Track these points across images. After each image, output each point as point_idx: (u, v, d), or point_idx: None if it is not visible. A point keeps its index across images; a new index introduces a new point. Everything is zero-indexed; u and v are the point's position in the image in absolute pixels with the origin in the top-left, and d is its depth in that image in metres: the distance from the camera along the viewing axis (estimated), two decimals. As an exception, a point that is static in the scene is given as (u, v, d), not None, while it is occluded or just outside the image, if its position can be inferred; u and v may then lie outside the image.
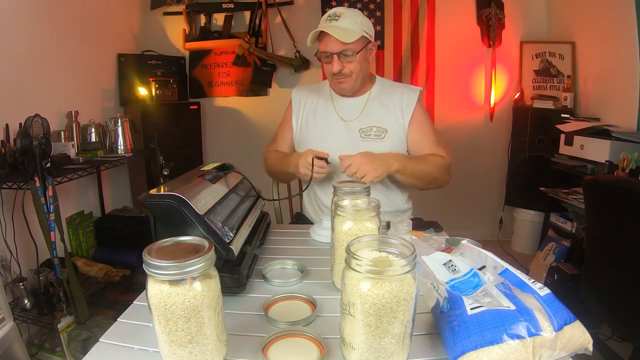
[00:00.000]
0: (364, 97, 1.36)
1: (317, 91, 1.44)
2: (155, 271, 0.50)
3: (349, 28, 1.20)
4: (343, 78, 1.28)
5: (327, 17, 1.23)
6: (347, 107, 1.36)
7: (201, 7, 2.96)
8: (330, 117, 1.37)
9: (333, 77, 1.29)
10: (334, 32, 1.18)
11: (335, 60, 1.23)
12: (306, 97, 1.43)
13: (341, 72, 1.25)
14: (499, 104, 3.05)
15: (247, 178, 1.14)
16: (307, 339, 0.64)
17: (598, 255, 1.52)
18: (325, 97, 1.41)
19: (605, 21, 2.43)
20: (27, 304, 1.68)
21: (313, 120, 1.39)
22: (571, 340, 0.55)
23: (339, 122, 1.35)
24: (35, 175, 1.52)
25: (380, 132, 1.31)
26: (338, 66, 1.24)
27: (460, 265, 0.67)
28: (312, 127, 1.39)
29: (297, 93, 1.46)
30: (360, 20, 1.23)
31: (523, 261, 2.66)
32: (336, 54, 1.22)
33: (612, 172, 1.94)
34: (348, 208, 0.77)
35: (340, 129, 1.34)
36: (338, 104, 1.38)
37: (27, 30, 1.91)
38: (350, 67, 1.25)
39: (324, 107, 1.39)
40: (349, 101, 1.36)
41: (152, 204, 0.76)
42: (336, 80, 1.30)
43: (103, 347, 0.64)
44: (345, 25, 1.20)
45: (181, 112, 2.80)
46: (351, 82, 1.29)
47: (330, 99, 1.39)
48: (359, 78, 1.30)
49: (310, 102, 1.42)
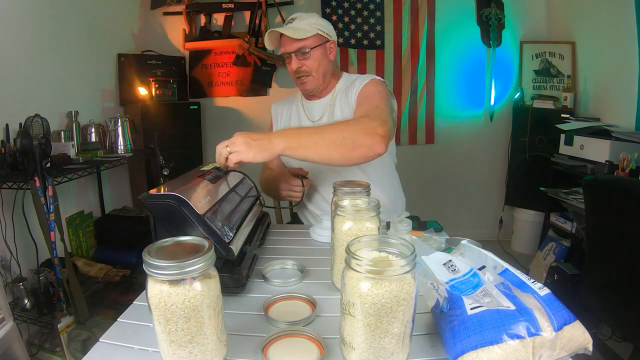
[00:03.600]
0: (329, 96, 1.38)
1: (291, 100, 1.49)
2: (155, 271, 0.50)
3: (302, 27, 1.26)
4: (305, 77, 1.31)
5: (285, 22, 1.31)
6: (315, 108, 1.39)
7: (201, 7, 2.96)
8: (302, 121, 1.40)
9: (295, 77, 1.33)
10: (287, 32, 1.24)
11: (294, 58, 1.29)
12: (282, 109, 1.48)
13: (300, 70, 1.29)
14: (499, 104, 3.05)
15: (248, 176, 1.14)
16: (307, 339, 0.64)
17: (598, 255, 1.52)
18: (296, 103, 1.45)
19: (605, 21, 2.43)
20: (27, 304, 1.68)
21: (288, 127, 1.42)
22: (571, 340, 0.55)
23: (308, 124, 1.38)
24: (35, 175, 1.52)
25: None
26: (296, 64, 1.29)
27: (460, 265, 0.67)
28: None
29: (275, 107, 1.51)
30: (314, 20, 1.29)
31: (523, 261, 2.66)
32: (293, 53, 1.27)
33: (612, 172, 1.94)
34: (348, 208, 0.77)
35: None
36: (307, 106, 1.41)
37: (27, 30, 1.91)
38: (307, 64, 1.29)
39: (296, 112, 1.44)
40: (316, 102, 1.39)
41: (152, 204, 0.76)
42: (299, 81, 1.34)
43: (103, 347, 0.64)
44: (299, 26, 1.27)
45: (181, 112, 2.80)
46: (313, 81, 1.32)
47: (300, 103, 1.44)
48: (320, 76, 1.32)
49: (286, 113, 1.47)
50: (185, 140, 2.81)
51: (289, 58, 1.30)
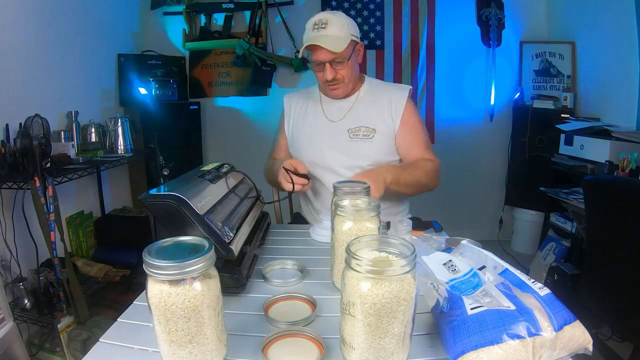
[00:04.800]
0: (352, 98, 1.37)
1: (307, 95, 1.46)
2: (155, 271, 0.50)
3: (338, 35, 1.20)
4: (336, 84, 1.29)
5: (313, 26, 1.23)
6: (334, 108, 1.37)
7: (201, 7, 2.96)
8: (319, 119, 1.38)
9: (326, 84, 1.30)
10: (324, 43, 1.19)
11: (328, 68, 1.24)
12: (296, 102, 1.45)
13: (334, 79, 1.27)
14: (498, 104, 3.05)
15: (248, 176, 1.14)
16: (307, 339, 0.64)
17: (598, 255, 1.52)
18: (314, 100, 1.43)
19: (605, 21, 2.43)
20: (27, 304, 1.68)
21: (302, 123, 1.41)
22: (571, 340, 0.55)
23: (327, 123, 1.36)
24: (35, 175, 1.52)
25: (368, 132, 1.31)
26: (331, 74, 1.25)
27: (460, 265, 0.67)
28: (301, 130, 1.41)
29: (288, 99, 1.48)
30: (346, 24, 1.23)
31: (523, 261, 2.66)
32: (328, 62, 1.23)
33: (612, 172, 1.93)
34: (348, 208, 0.77)
35: (328, 130, 1.35)
36: (326, 105, 1.39)
37: (27, 30, 1.91)
38: (342, 73, 1.27)
39: (313, 109, 1.41)
40: (336, 102, 1.38)
41: (152, 204, 0.76)
42: (330, 87, 1.31)
43: (103, 347, 0.64)
44: (334, 33, 1.20)
45: (181, 112, 2.80)
46: (344, 87, 1.31)
47: (319, 101, 1.41)
48: (351, 82, 1.31)
49: (300, 106, 1.44)
50: (185, 140, 2.81)
51: (321, 66, 1.25)
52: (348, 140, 1.32)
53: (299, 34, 2.98)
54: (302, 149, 1.38)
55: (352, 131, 1.32)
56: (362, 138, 1.31)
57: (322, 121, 1.37)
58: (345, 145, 1.31)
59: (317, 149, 1.34)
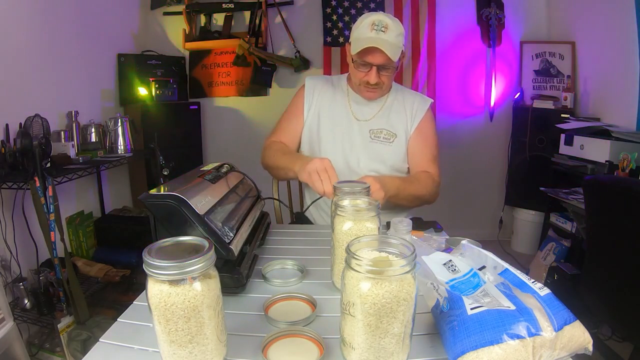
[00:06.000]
0: (381, 100, 1.36)
1: (334, 84, 1.40)
2: (155, 271, 0.50)
3: (396, 43, 1.17)
4: (375, 88, 1.28)
5: (371, 26, 1.17)
6: (366, 108, 1.35)
7: (201, 7, 2.96)
8: (344, 114, 1.35)
9: (366, 85, 1.27)
10: (385, 48, 1.15)
11: (374, 72, 1.22)
12: (321, 87, 1.38)
13: (376, 83, 1.25)
14: (499, 104, 3.05)
15: (248, 176, 1.14)
16: (307, 339, 0.64)
17: (598, 255, 1.52)
18: (342, 92, 1.38)
19: (605, 21, 2.43)
20: (27, 304, 1.68)
21: (326, 112, 1.36)
22: (571, 340, 0.55)
23: (352, 120, 1.35)
24: (35, 175, 1.52)
25: (389, 136, 1.32)
26: (376, 78, 1.23)
27: (460, 265, 0.67)
28: (324, 119, 1.36)
29: (311, 81, 1.40)
30: (402, 33, 1.20)
31: (523, 261, 2.66)
32: (376, 66, 1.21)
33: (612, 172, 1.93)
34: (348, 208, 0.77)
35: (351, 127, 1.34)
36: (354, 102, 1.36)
37: (27, 30, 1.91)
38: (384, 80, 1.26)
39: (340, 102, 1.37)
40: (367, 102, 1.36)
41: (152, 204, 0.76)
42: (367, 89, 1.28)
43: (103, 347, 0.64)
44: (392, 40, 1.16)
45: (181, 112, 2.80)
46: (380, 92, 1.31)
47: (346, 95, 1.37)
48: (388, 88, 1.33)
49: (325, 93, 1.38)
50: (185, 140, 2.81)
51: (368, 67, 1.22)
52: (369, 140, 1.32)
53: (299, 34, 2.98)
54: (322, 138, 1.34)
55: (374, 132, 1.32)
56: (382, 141, 1.32)
57: (347, 117, 1.35)
58: (364, 146, 1.32)
59: (336, 142, 1.32)
